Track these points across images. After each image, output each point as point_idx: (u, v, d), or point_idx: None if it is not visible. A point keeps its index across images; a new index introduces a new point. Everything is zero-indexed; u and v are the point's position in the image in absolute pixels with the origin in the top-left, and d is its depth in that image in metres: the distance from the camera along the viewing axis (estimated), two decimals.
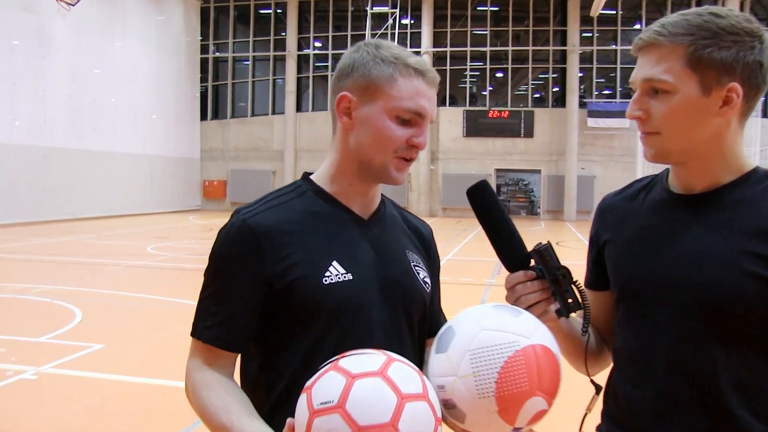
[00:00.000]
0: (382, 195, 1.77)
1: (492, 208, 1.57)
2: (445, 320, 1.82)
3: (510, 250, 1.59)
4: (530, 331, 1.45)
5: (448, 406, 1.42)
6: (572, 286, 1.55)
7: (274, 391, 1.58)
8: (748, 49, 1.46)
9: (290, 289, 1.54)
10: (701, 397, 1.49)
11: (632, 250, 1.63)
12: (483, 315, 1.49)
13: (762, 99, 1.53)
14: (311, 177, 1.71)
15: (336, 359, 1.33)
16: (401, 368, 1.32)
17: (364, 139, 1.59)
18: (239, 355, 1.64)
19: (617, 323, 1.67)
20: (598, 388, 1.66)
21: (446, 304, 1.91)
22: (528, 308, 1.55)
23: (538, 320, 1.51)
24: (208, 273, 1.60)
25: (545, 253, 1.54)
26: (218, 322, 1.55)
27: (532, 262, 1.57)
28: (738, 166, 1.55)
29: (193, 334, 1.59)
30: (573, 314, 1.61)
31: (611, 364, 1.73)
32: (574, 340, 1.72)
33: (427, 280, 1.74)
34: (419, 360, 1.72)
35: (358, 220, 1.67)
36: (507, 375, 1.39)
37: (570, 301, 1.55)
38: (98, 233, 20.81)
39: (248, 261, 1.54)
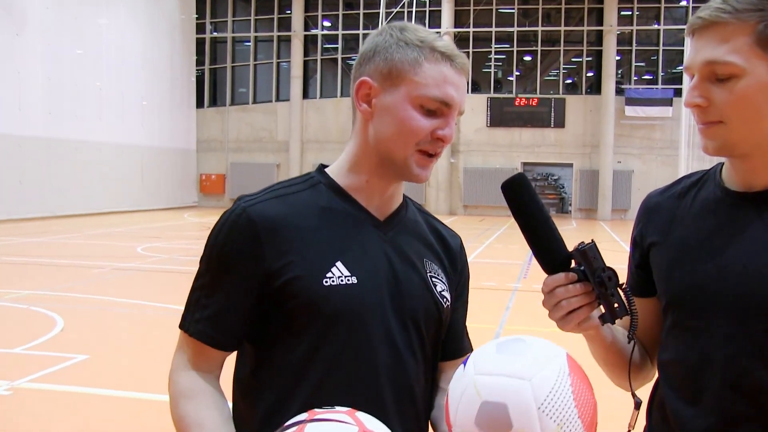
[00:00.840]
0: (405, 197, 1.76)
1: (531, 203, 1.54)
2: (470, 345, 1.83)
3: (549, 249, 1.55)
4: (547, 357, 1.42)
5: None
6: (619, 289, 1.51)
7: (263, 402, 1.58)
8: None
9: (287, 288, 1.53)
10: (763, 414, 1.47)
11: (684, 254, 1.61)
12: (487, 365, 1.43)
13: None
14: (327, 170, 1.70)
15: (304, 422, 1.31)
16: None
17: (384, 130, 1.58)
18: (235, 357, 1.66)
19: (666, 333, 1.65)
20: (637, 402, 1.62)
21: (468, 310, 1.91)
22: (568, 314, 1.53)
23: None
24: (203, 261, 1.61)
25: (590, 252, 1.50)
26: (207, 317, 1.57)
27: (573, 264, 1.55)
28: None
29: (181, 327, 1.60)
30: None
31: (653, 378, 1.72)
32: (615, 349, 1.71)
33: (446, 294, 1.71)
34: (431, 379, 1.72)
35: (372, 220, 1.65)
36: (580, 401, 1.38)
37: (616, 306, 1.51)
38: (82, 232, 20.93)
39: (244, 254, 1.54)
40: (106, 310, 9.98)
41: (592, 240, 1.52)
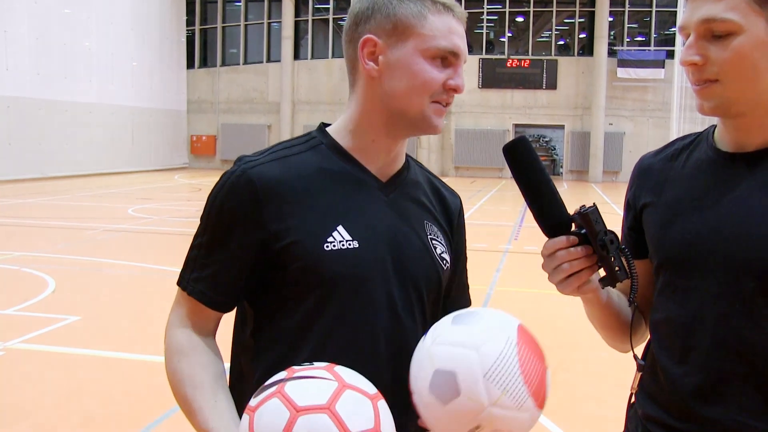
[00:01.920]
0: (408, 156, 1.76)
1: (533, 166, 1.54)
2: (469, 299, 1.90)
3: (550, 212, 1.55)
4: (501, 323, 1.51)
5: None
6: (620, 252, 1.52)
7: (263, 362, 1.59)
8: None
9: (287, 252, 1.53)
10: (752, 372, 1.49)
11: (676, 214, 1.62)
12: (442, 335, 1.51)
13: None
14: (328, 129, 1.69)
15: (284, 381, 1.34)
16: (352, 399, 1.32)
17: (396, 85, 1.57)
18: (234, 316, 1.68)
19: (657, 293, 1.66)
20: (641, 365, 1.65)
21: None
22: (569, 277, 1.54)
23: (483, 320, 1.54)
24: (202, 220, 1.61)
25: (592, 216, 1.51)
26: (205, 276, 1.57)
27: (573, 227, 1.55)
28: None
29: (179, 284, 1.61)
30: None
31: (647, 339, 1.73)
32: (611, 311, 1.72)
33: (445, 256, 1.73)
34: None
35: (375, 182, 1.65)
36: (526, 369, 1.45)
37: (617, 269, 1.53)
38: (72, 194, 20.86)
39: (244, 216, 1.54)
40: (98, 271, 9.98)
41: (594, 203, 1.53)
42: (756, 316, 1.48)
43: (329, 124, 1.71)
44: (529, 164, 1.54)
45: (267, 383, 1.35)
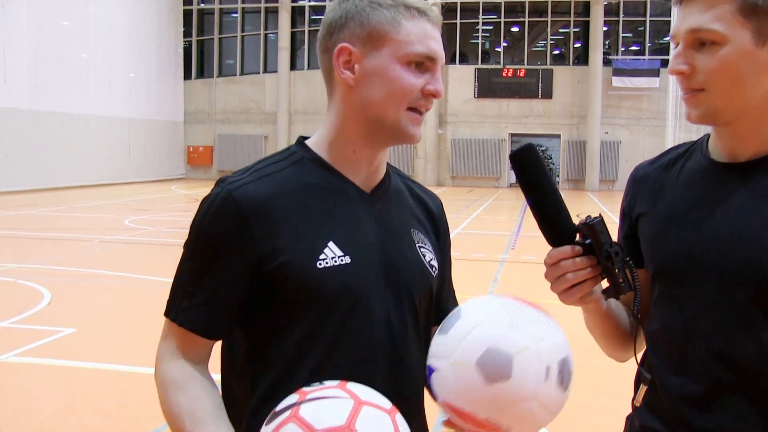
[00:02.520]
0: (388, 165, 1.74)
1: (539, 174, 1.54)
2: (456, 303, 1.83)
3: (556, 221, 1.55)
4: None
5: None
6: (624, 264, 1.52)
7: (261, 384, 1.55)
8: None
9: (280, 273, 1.50)
10: (749, 383, 1.49)
11: (671, 223, 1.63)
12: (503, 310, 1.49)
13: None
14: (308, 142, 1.66)
15: (297, 404, 1.30)
16: (371, 415, 1.29)
17: (374, 93, 1.55)
18: (221, 340, 1.61)
19: (654, 303, 1.66)
20: (645, 378, 1.64)
21: (456, 281, 1.91)
22: (572, 287, 1.54)
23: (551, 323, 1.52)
24: (188, 247, 1.56)
25: (598, 226, 1.51)
26: (196, 305, 1.52)
27: (577, 237, 1.55)
28: None
29: (167, 315, 1.55)
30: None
31: (644, 349, 1.73)
32: (612, 322, 1.73)
33: (434, 263, 1.71)
34: (424, 349, 1.69)
35: (360, 193, 1.62)
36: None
37: (621, 281, 1.53)
38: (69, 205, 20.84)
39: (233, 239, 1.50)
40: (94, 282, 9.94)
41: (600, 214, 1.53)
42: (751, 326, 1.49)
43: (308, 137, 1.68)
44: (535, 172, 1.54)
45: (278, 409, 1.31)
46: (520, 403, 1.39)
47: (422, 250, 1.68)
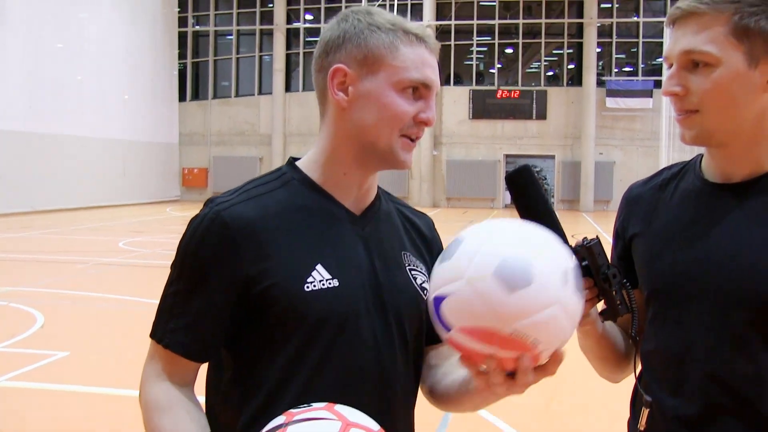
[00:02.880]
0: (378, 187, 1.72)
1: (536, 196, 1.54)
2: None
3: None
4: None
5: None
6: (621, 287, 1.51)
7: (248, 407, 1.53)
8: None
9: (267, 295, 1.48)
10: (745, 405, 1.50)
11: (665, 245, 1.64)
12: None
13: None
14: (298, 163, 1.65)
15: (284, 425, 1.28)
16: None
17: (366, 117, 1.54)
18: (207, 363, 1.60)
19: (649, 324, 1.67)
20: (647, 401, 1.63)
21: None
22: None
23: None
24: (175, 267, 1.54)
25: (595, 249, 1.49)
26: (182, 327, 1.50)
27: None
28: None
29: (152, 336, 1.54)
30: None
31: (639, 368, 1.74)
32: (608, 343, 1.73)
33: (426, 285, 1.68)
34: (415, 380, 1.69)
35: (349, 216, 1.61)
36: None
37: (618, 303, 1.52)
38: (63, 227, 20.78)
39: (220, 261, 1.48)
40: (88, 305, 9.89)
41: (596, 236, 1.51)
42: (747, 349, 1.49)
43: (298, 158, 1.66)
44: (531, 194, 1.53)
45: (265, 430, 1.29)
46: (545, 308, 1.33)
47: (413, 272, 1.67)
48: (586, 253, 1.49)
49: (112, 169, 29.77)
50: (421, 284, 1.67)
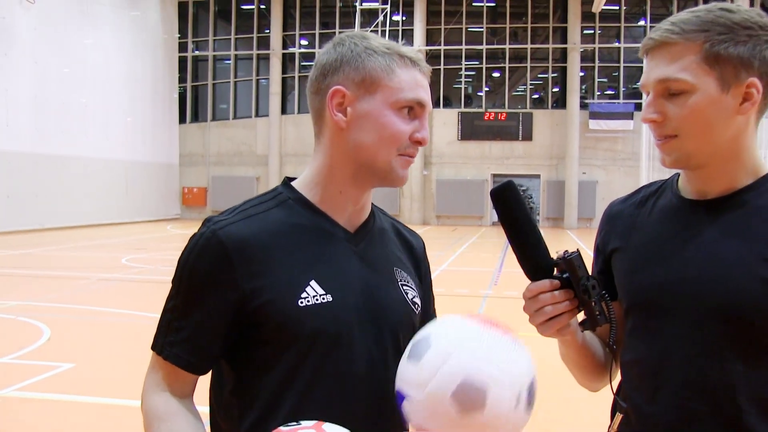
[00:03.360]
0: (373, 205, 1.73)
1: (519, 211, 1.54)
2: None
3: (535, 256, 1.55)
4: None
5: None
6: (601, 298, 1.52)
7: (246, 420, 1.53)
8: (764, 43, 1.50)
9: (262, 311, 1.49)
10: (718, 412, 1.50)
11: (644, 259, 1.64)
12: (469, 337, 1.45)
13: None
14: (294, 183, 1.66)
15: None
16: None
17: (365, 137, 1.55)
18: (211, 375, 1.61)
19: (628, 335, 1.67)
20: (621, 407, 1.64)
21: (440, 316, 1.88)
22: (550, 320, 1.53)
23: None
24: (174, 283, 1.55)
25: (576, 261, 1.50)
26: (181, 340, 1.51)
27: (555, 271, 1.55)
28: (755, 168, 1.58)
29: (153, 348, 1.55)
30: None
31: (619, 378, 1.74)
32: (588, 353, 1.73)
33: (417, 300, 1.70)
34: None
35: (343, 233, 1.61)
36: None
37: (597, 314, 1.53)
38: (68, 244, 20.69)
39: (217, 277, 1.49)
40: (92, 319, 9.86)
41: (577, 249, 1.53)
42: (720, 358, 1.50)
43: (294, 178, 1.67)
44: (515, 209, 1.53)
45: None
46: (492, 430, 1.37)
47: (405, 288, 1.67)
48: (567, 265, 1.51)
49: (115, 188, 29.69)
50: (412, 299, 1.67)
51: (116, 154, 29.75)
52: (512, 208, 1.53)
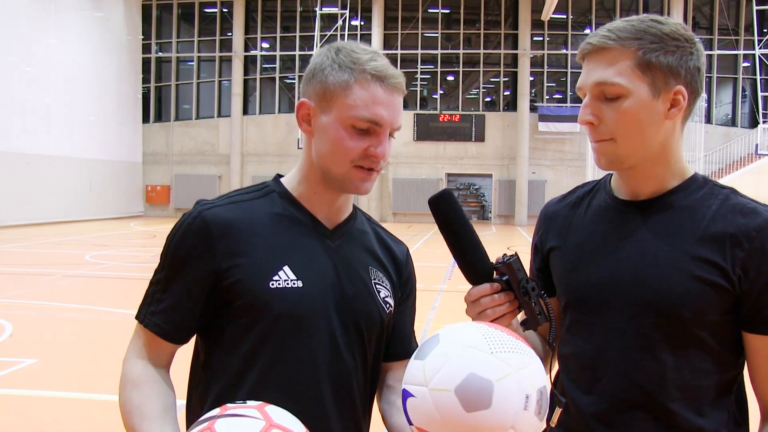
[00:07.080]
0: (356, 208, 1.75)
1: (456, 218, 1.54)
2: (417, 345, 1.77)
3: (474, 261, 1.55)
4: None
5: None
6: (540, 298, 1.53)
7: (211, 393, 1.57)
8: (689, 54, 1.54)
9: (234, 289, 1.53)
10: (648, 400, 1.55)
11: (580, 257, 1.67)
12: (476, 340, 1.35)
13: (705, 106, 1.58)
14: (282, 179, 1.70)
15: (215, 417, 1.28)
16: None
17: (322, 149, 1.57)
18: (192, 351, 1.67)
19: (566, 330, 1.70)
20: (560, 401, 1.63)
21: None
22: (492, 322, 1.51)
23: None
24: (162, 257, 1.60)
25: (515, 264, 1.51)
26: (161, 310, 1.56)
27: (495, 274, 1.55)
28: (681, 171, 1.62)
29: (137, 317, 1.60)
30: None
31: (555, 370, 1.77)
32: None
33: (389, 300, 1.70)
34: (372, 389, 1.70)
35: (321, 228, 1.64)
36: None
37: (538, 314, 1.53)
38: (30, 241, 20.30)
39: (197, 254, 1.54)
40: (56, 315, 9.66)
41: (515, 252, 1.54)
42: (652, 348, 1.55)
43: (283, 176, 1.71)
44: (453, 216, 1.54)
45: (202, 418, 1.30)
46: (499, 431, 1.25)
47: (377, 286, 1.67)
48: (506, 268, 1.51)
49: (79, 186, 29.17)
50: (384, 298, 1.67)
51: (80, 153, 29.23)
52: (449, 217, 1.54)
